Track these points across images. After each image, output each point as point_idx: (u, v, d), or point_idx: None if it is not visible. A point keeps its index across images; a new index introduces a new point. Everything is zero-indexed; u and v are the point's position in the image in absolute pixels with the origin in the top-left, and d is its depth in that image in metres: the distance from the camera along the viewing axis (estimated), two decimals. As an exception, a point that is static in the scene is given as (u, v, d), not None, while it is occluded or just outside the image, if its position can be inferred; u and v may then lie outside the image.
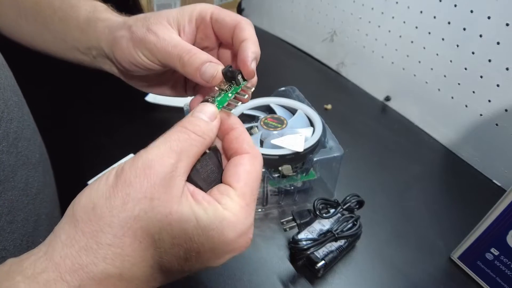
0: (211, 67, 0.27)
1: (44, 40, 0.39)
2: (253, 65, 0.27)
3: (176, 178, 0.21)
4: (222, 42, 0.33)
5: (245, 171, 0.24)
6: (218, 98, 0.27)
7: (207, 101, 0.26)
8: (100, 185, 0.20)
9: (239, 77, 0.27)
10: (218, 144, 0.27)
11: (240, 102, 0.27)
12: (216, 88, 0.27)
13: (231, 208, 0.22)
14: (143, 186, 0.20)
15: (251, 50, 0.27)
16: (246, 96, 0.27)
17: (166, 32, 0.29)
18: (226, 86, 0.27)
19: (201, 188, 0.23)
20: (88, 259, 0.19)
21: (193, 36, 0.31)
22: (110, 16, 0.34)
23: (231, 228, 0.21)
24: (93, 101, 0.73)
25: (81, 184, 0.53)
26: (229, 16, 0.29)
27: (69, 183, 0.54)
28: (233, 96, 0.27)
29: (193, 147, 0.22)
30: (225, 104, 0.26)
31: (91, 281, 0.19)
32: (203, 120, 0.24)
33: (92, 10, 0.35)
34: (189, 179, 0.23)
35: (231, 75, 0.27)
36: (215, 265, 0.23)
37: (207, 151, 0.25)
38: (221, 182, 0.25)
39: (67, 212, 0.21)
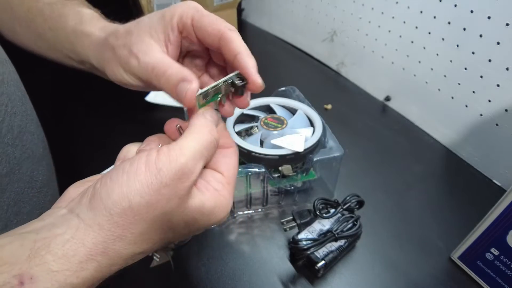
0: (184, 86, 0.27)
1: (39, 47, 0.39)
2: (259, 80, 0.28)
3: (197, 179, 0.25)
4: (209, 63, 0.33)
5: (232, 163, 0.28)
6: (214, 97, 0.28)
7: (206, 97, 0.27)
8: (131, 182, 0.22)
9: (241, 90, 0.29)
10: None
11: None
12: (220, 85, 0.28)
13: (224, 194, 0.26)
14: (178, 189, 0.23)
15: (250, 64, 0.28)
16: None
17: (148, 52, 0.29)
18: (226, 90, 0.29)
19: None
20: (121, 245, 0.22)
21: (178, 43, 0.30)
22: (94, 30, 0.33)
23: (224, 208, 0.26)
24: (93, 100, 0.73)
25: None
26: (211, 26, 0.28)
27: (69, 182, 0.54)
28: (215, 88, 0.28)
29: (212, 155, 0.27)
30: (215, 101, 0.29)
31: (120, 259, 0.22)
32: (215, 125, 0.27)
33: (79, 21, 0.34)
34: None
35: (237, 86, 0.29)
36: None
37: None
38: None
39: (95, 204, 0.22)
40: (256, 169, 0.45)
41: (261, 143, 0.48)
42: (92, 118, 0.68)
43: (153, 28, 0.29)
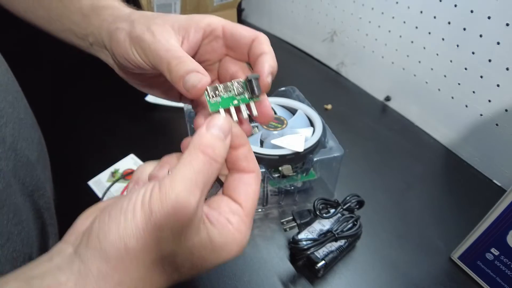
0: (195, 77, 0.25)
1: (37, 16, 0.37)
2: (269, 78, 0.27)
3: (198, 212, 0.22)
4: (229, 56, 0.31)
5: (253, 191, 0.26)
6: (225, 96, 0.26)
7: (215, 91, 0.26)
8: (128, 223, 0.21)
9: (255, 86, 0.26)
10: None
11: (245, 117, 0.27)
12: (229, 84, 0.26)
13: (240, 228, 0.24)
14: (174, 228, 0.21)
15: (268, 63, 0.27)
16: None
17: (165, 35, 0.28)
18: (238, 90, 0.27)
19: None
20: None
21: (196, 46, 0.30)
22: (117, 5, 0.33)
23: (237, 244, 0.24)
24: (93, 100, 0.73)
25: (82, 184, 0.53)
26: (246, 30, 0.29)
27: (69, 182, 0.54)
28: (241, 105, 0.26)
29: (213, 176, 0.23)
30: (228, 107, 0.26)
31: None
32: (221, 141, 0.23)
33: None
34: None
35: (249, 79, 0.26)
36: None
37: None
38: (218, 186, 0.26)
39: (92, 244, 0.21)
40: (256, 169, 0.45)
41: (261, 143, 0.48)
42: (92, 118, 0.68)
43: (178, 22, 0.29)
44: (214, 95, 0.26)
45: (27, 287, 0.20)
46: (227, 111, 0.26)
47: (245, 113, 0.27)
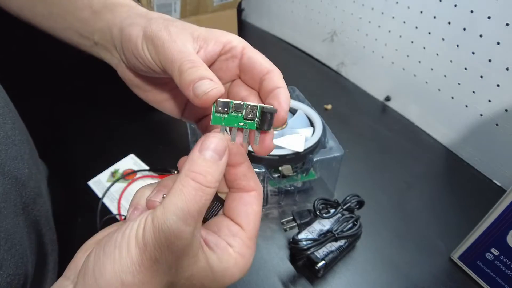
0: (208, 84, 0.23)
1: (36, 13, 0.35)
2: (286, 115, 0.25)
3: (194, 241, 0.21)
4: (241, 80, 0.29)
5: (254, 212, 0.24)
6: (233, 114, 0.24)
7: (225, 107, 0.23)
8: (122, 259, 0.20)
9: (269, 119, 0.24)
10: None
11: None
12: (242, 104, 0.24)
13: (242, 252, 0.23)
14: (169, 261, 0.20)
15: (286, 99, 0.25)
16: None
17: (182, 37, 0.26)
18: (248, 115, 0.24)
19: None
20: None
21: (212, 59, 0.28)
22: (134, 4, 0.31)
23: (240, 269, 0.23)
24: (94, 101, 0.73)
25: (81, 184, 0.53)
26: (264, 59, 0.27)
27: (70, 183, 0.54)
28: (246, 132, 0.24)
29: (207, 202, 0.22)
30: (232, 126, 0.24)
31: None
32: (214, 164, 0.22)
33: None
34: None
35: (265, 111, 0.24)
36: None
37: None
38: (219, 205, 0.25)
39: (89, 282, 0.21)
40: (256, 169, 0.45)
41: (261, 143, 0.48)
42: (92, 118, 0.68)
43: (198, 31, 0.27)
44: (222, 111, 0.23)
45: None
46: (229, 129, 0.25)
47: (245, 139, 0.25)
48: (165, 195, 0.24)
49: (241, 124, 0.24)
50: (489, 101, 0.54)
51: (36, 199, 0.33)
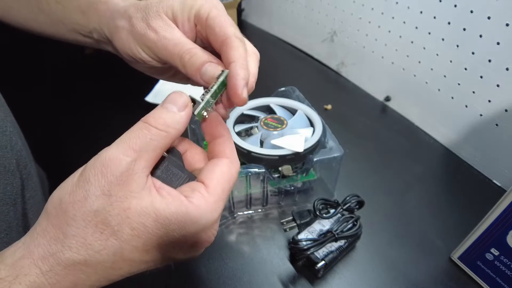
0: (211, 68, 0.26)
1: (39, 23, 0.37)
2: (244, 93, 0.25)
3: (134, 175, 0.22)
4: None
5: (220, 171, 0.25)
6: (207, 97, 0.26)
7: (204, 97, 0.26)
8: (67, 183, 0.22)
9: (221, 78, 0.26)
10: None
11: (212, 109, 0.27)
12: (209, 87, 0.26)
13: (197, 203, 0.23)
14: (101, 184, 0.21)
15: (240, 76, 0.25)
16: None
17: (167, 28, 0.28)
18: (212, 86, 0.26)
19: None
20: (56, 248, 0.21)
21: (193, 33, 0.29)
22: None
23: (193, 221, 0.22)
24: (93, 100, 0.73)
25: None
26: (220, 27, 0.27)
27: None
28: (213, 100, 0.26)
29: (153, 142, 0.23)
30: (204, 106, 0.26)
31: (59, 266, 0.21)
32: (169, 112, 0.24)
33: None
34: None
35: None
36: (178, 258, 0.24)
37: (165, 154, 0.25)
38: (191, 178, 0.26)
39: (44, 207, 0.22)
40: (256, 170, 0.45)
41: (261, 144, 0.48)
42: (92, 118, 0.68)
43: (171, 10, 0.28)
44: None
45: None
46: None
47: (212, 105, 0.26)
48: None
49: (212, 100, 0.26)
50: (489, 101, 0.54)
51: (25, 192, 0.34)
